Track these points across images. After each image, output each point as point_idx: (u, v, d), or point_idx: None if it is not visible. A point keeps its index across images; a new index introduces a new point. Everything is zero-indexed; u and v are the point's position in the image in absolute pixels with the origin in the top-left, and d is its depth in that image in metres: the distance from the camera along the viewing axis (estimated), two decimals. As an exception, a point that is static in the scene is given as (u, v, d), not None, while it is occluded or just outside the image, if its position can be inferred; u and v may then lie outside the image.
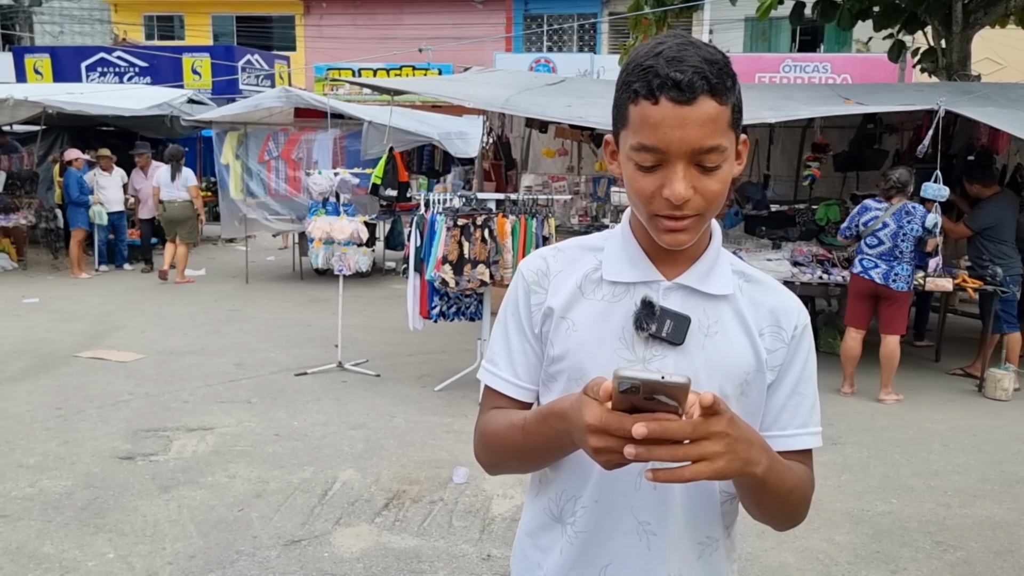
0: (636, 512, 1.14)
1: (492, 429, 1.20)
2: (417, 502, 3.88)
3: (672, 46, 1.03)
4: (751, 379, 1.15)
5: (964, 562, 3.52)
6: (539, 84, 7.56)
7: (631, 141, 1.06)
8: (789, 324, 1.18)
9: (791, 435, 1.17)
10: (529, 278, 1.22)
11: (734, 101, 1.06)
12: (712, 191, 1.05)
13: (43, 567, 3.16)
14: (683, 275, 1.15)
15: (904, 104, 6.13)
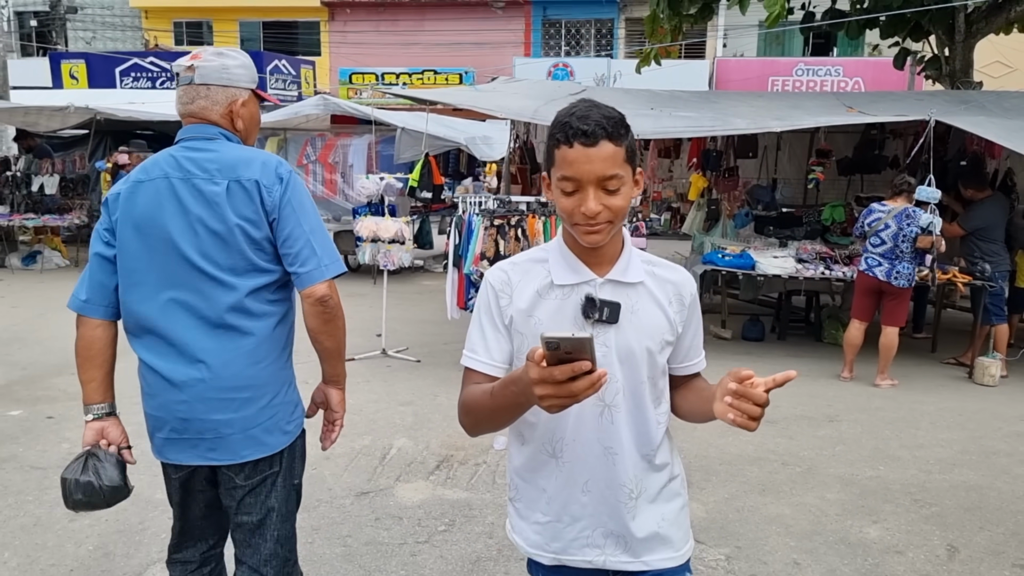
0: (601, 441, 1.62)
1: (470, 398, 1.59)
2: (464, 464, 4.50)
3: (582, 108, 1.51)
4: (666, 337, 1.65)
5: (937, 515, 4.08)
6: (563, 94, 8.15)
7: (557, 175, 1.53)
8: (686, 293, 1.69)
9: (695, 363, 1.75)
10: (496, 286, 1.65)
11: (628, 144, 1.52)
12: (616, 206, 1.52)
13: (159, 509, 3.79)
14: (610, 272, 1.61)
15: (899, 115, 6.68)
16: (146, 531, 3.58)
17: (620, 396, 1.60)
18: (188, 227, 2.06)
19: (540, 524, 1.69)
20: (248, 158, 2.12)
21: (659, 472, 1.68)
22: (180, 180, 2.08)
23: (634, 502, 1.64)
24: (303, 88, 23.58)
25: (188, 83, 2.15)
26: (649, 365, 1.62)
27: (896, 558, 3.60)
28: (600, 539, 1.66)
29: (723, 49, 22.67)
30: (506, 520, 1.80)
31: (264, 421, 2.15)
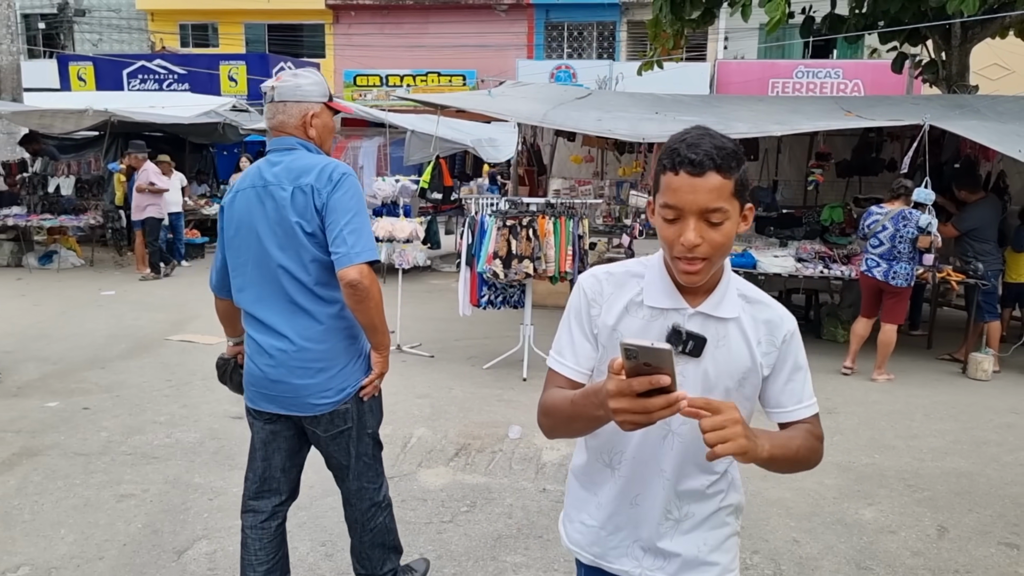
0: (659, 462, 1.62)
1: (551, 401, 1.60)
2: (481, 452, 4.75)
3: (694, 135, 1.47)
4: (747, 375, 1.59)
5: (929, 499, 4.33)
6: (569, 98, 8.41)
7: (660, 201, 1.49)
8: (779, 333, 1.61)
9: (791, 410, 1.63)
10: (589, 295, 1.64)
11: (738, 177, 1.46)
12: (716, 241, 1.46)
13: (199, 492, 4.05)
14: (702, 304, 1.57)
15: (895, 119, 6.93)
16: (189, 511, 3.83)
17: (687, 427, 1.57)
18: (269, 227, 2.52)
19: (585, 526, 1.74)
20: (311, 166, 2.51)
21: (709, 500, 1.67)
22: (262, 188, 2.54)
23: (676, 524, 1.66)
24: (308, 90, 23.83)
25: (271, 101, 2.57)
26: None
27: (889, 537, 3.85)
28: (639, 552, 1.68)
29: (724, 51, 22.92)
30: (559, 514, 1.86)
31: (334, 386, 2.61)
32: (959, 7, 8.31)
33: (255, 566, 2.77)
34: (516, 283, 6.26)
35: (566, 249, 6.03)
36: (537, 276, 6.13)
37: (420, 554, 3.49)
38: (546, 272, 6.06)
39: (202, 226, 13.46)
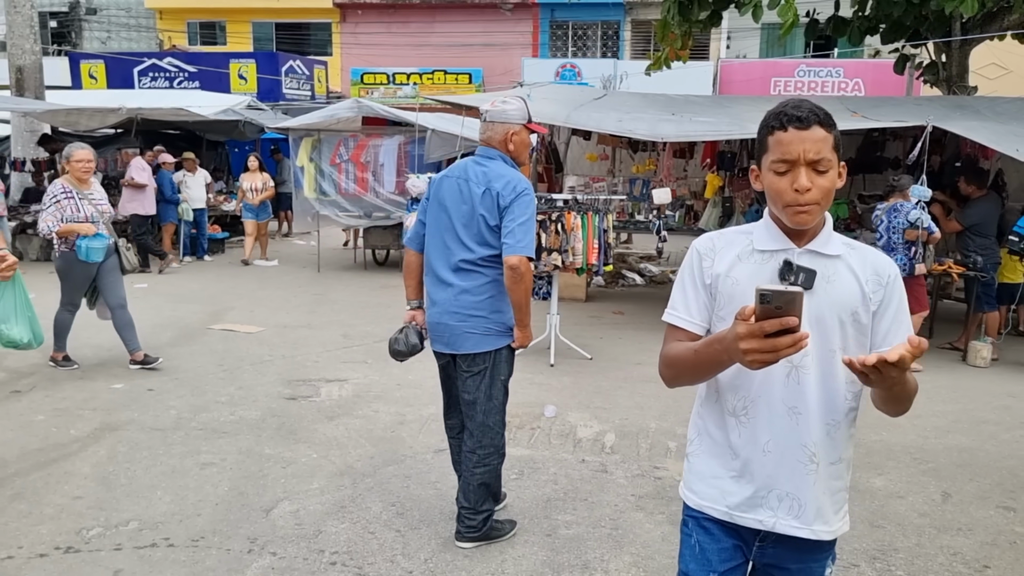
0: (785, 400, 1.68)
1: (673, 353, 1.72)
2: (521, 428, 5.15)
3: (793, 101, 1.67)
4: (859, 309, 1.69)
5: (933, 470, 4.75)
6: (587, 99, 8.81)
7: (770, 159, 1.65)
8: (884, 273, 1.72)
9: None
10: (702, 250, 1.79)
11: (836, 135, 1.65)
12: (824, 187, 1.63)
13: (272, 461, 4.45)
14: (810, 243, 1.70)
15: (899, 120, 7.34)
16: (266, 477, 4.23)
17: (808, 359, 1.66)
18: (459, 211, 3.38)
19: (718, 479, 1.78)
20: (503, 176, 3.35)
21: (835, 447, 1.72)
22: (464, 181, 3.39)
23: (816, 466, 1.69)
24: (316, 88, 24.21)
25: (484, 120, 3.47)
26: (840, 335, 1.68)
27: (898, 501, 4.26)
28: (774, 501, 1.71)
29: (727, 51, 23.31)
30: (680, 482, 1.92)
31: (481, 331, 3.39)
32: (958, 7, 8.70)
33: (459, 462, 3.67)
34: (544, 275, 6.66)
35: (592, 243, 6.43)
36: (564, 268, 6.53)
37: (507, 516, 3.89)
38: (573, 264, 6.45)
39: (222, 221, 13.85)
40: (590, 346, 7.09)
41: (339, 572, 3.29)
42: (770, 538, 1.77)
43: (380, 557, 3.42)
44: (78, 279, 6.02)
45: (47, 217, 5.76)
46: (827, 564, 1.82)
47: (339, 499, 3.99)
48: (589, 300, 9.56)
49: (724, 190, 9.77)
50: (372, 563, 3.37)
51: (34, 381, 5.82)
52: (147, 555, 3.37)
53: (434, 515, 3.85)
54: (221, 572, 3.26)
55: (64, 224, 5.76)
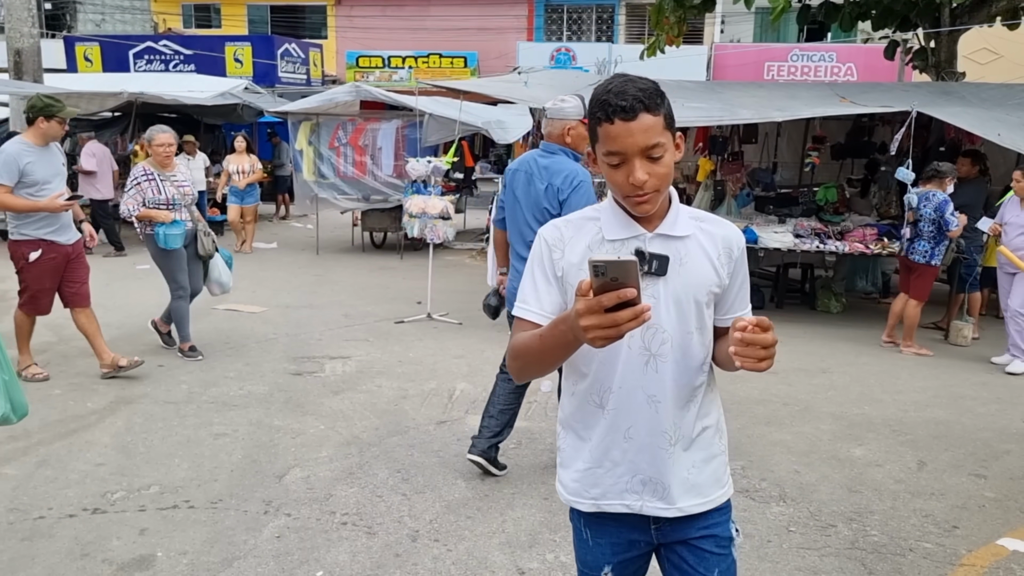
0: (646, 388, 1.68)
1: (519, 342, 1.65)
2: (518, 402, 5.37)
3: (617, 84, 1.56)
4: (713, 288, 1.70)
5: (911, 441, 4.99)
6: (582, 85, 8.98)
7: (602, 150, 1.59)
8: (735, 246, 1.73)
9: (743, 312, 1.76)
10: (550, 241, 1.71)
11: (665, 111, 1.57)
12: (660, 173, 1.58)
13: (281, 432, 4.67)
14: (659, 227, 1.66)
15: (886, 105, 7.55)
16: (277, 446, 4.45)
17: (667, 346, 1.66)
18: (527, 201, 3.93)
19: (580, 472, 1.76)
20: (562, 171, 3.82)
21: (696, 421, 1.74)
22: (529, 175, 3.93)
23: (672, 448, 1.70)
24: (311, 71, 24.26)
25: (546, 117, 3.98)
26: (697, 316, 1.68)
27: (876, 469, 4.51)
28: (638, 485, 1.71)
29: (720, 35, 23.44)
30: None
31: None
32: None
33: (494, 403, 4.14)
34: (541, 255, 6.86)
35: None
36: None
37: (481, 479, 4.12)
38: (569, 245, 6.65)
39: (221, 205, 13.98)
40: (585, 325, 7.31)
41: (350, 531, 3.51)
42: (661, 520, 1.76)
43: (388, 518, 3.65)
44: (171, 262, 5.95)
45: (128, 200, 5.84)
46: (729, 525, 1.82)
47: (347, 466, 4.21)
48: (584, 282, 9.74)
49: (715, 174, 9.97)
50: (381, 523, 3.60)
51: (48, 358, 6.02)
52: (170, 516, 3.60)
53: (437, 480, 4.08)
54: (240, 531, 3.48)
55: (144, 208, 5.77)
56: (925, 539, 3.68)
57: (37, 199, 5.15)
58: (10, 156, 5.09)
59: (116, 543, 3.34)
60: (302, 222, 15.46)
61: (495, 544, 3.46)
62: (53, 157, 5.33)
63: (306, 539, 3.43)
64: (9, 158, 5.08)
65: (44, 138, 5.24)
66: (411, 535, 3.51)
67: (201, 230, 6.08)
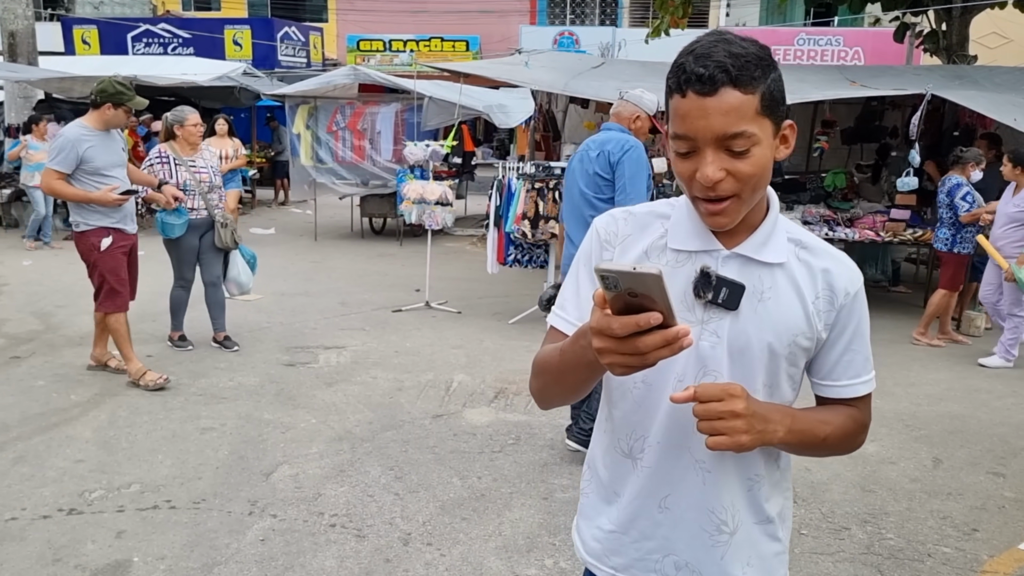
0: (693, 452, 1.28)
1: (541, 356, 1.34)
2: (518, 395, 5.19)
3: (704, 44, 1.17)
4: (799, 340, 1.27)
5: (925, 436, 4.81)
6: (585, 67, 8.75)
7: (671, 131, 1.21)
8: (841, 288, 1.28)
9: (844, 385, 1.33)
10: (603, 235, 1.36)
11: (765, 89, 1.16)
12: (744, 173, 1.17)
13: (271, 426, 4.49)
14: (741, 245, 1.26)
15: (899, 88, 7.31)
16: (266, 442, 4.27)
17: None
18: (583, 174, 4.12)
19: (603, 532, 1.41)
20: (613, 139, 4.04)
21: (757, 506, 1.34)
22: (585, 150, 4.15)
23: (727, 538, 1.32)
24: (312, 55, 23.98)
25: (620, 98, 4.22)
26: (768, 369, 1.28)
27: (890, 467, 4.32)
28: (671, 569, 1.34)
29: (726, 19, 23.11)
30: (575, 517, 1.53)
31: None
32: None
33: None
34: (542, 243, 6.67)
35: (590, 211, 6.44)
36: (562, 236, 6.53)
37: (477, 477, 3.94)
38: (571, 232, 6.46)
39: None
40: (587, 314, 7.11)
41: (338, 534, 3.34)
42: None
43: (379, 519, 3.47)
44: (176, 251, 5.72)
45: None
46: None
47: (338, 463, 4.03)
48: (586, 269, 9.55)
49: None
50: (371, 525, 3.42)
51: (34, 347, 5.84)
52: (149, 516, 3.42)
53: (432, 479, 3.90)
54: (222, 533, 3.31)
55: (150, 192, 5.51)
56: (944, 543, 3.50)
57: (97, 189, 4.85)
58: (68, 141, 4.77)
59: (91, 547, 3.17)
60: (301, 207, 15.24)
61: (491, 548, 3.28)
62: (114, 143, 5.03)
63: (291, 543, 3.25)
64: (67, 143, 4.76)
65: (106, 124, 4.93)
66: (403, 538, 3.33)
67: (219, 220, 5.72)
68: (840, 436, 1.33)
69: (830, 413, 1.33)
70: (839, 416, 1.33)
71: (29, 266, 9.09)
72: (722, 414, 1.13)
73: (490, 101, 12.86)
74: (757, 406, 1.18)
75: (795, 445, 1.27)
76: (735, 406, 1.14)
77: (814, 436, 1.28)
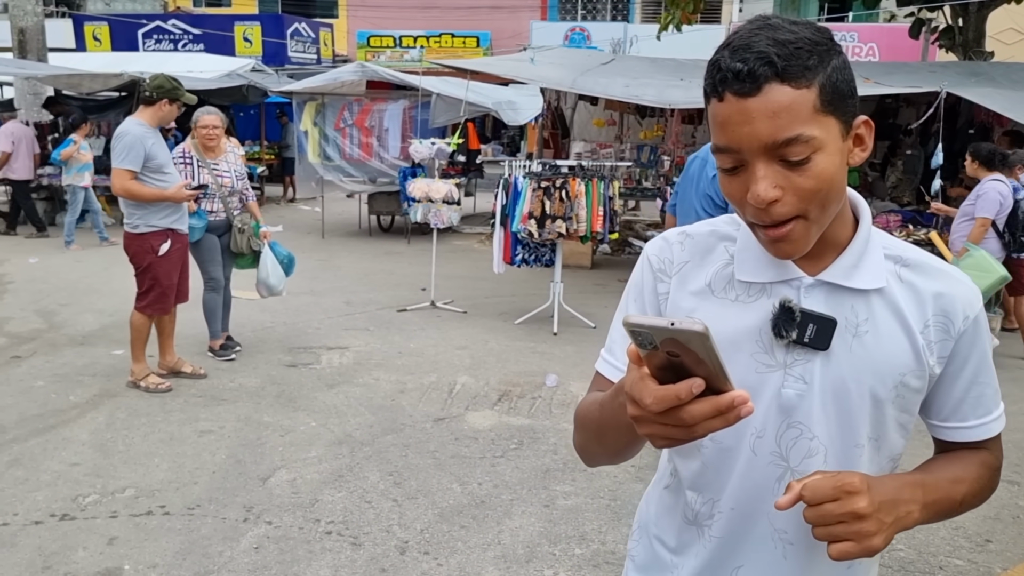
0: (772, 520, 1.08)
1: (582, 407, 1.15)
2: (522, 397, 5.11)
3: (744, 32, 0.96)
4: (908, 380, 1.06)
5: (938, 443, 4.70)
6: (595, 64, 8.65)
7: (713, 144, 1.00)
8: (958, 313, 1.06)
9: (974, 427, 1.12)
10: (655, 264, 1.15)
11: (823, 81, 0.94)
12: (806, 188, 0.95)
13: (270, 429, 4.43)
14: (826, 270, 1.05)
15: (913, 86, 7.18)
16: (264, 445, 4.21)
17: (817, 460, 1.06)
18: (697, 186, 4.10)
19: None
20: None
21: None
22: (702, 161, 4.14)
23: None
24: (322, 51, 23.95)
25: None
26: (873, 419, 1.07)
27: (902, 474, 4.22)
28: None
29: (739, 14, 22.91)
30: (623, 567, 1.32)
31: None
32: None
33: None
34: (549, 242, 6.58)
35: (597, 210, 6.34)
36: (569, 236, 6.45)
37: (478, 483, 3.87)
38: (577, 232, 6.37)
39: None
40: (594, 315, 7.02)
41: (334, 541, 3.27)
42: None
43: (376, 527, 3.41)
44: (202, 252, 5.54)
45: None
46: None
47: (337, 468, 3.97)
48: (594, 268, 9.47)
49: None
50: (368, 533, 3.35)
51: (35, 347, 5.81)
52: (142, 523, 3.37)
53: (431, 485, 3.83)
54: (216, 540, 3.24)
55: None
56: (956, 555, 3.40)
57: (162, 187, 4.76)
58: (135, 138, 4.65)
59: (82, 554, 3.12)
60: (310, 204, 15.20)
61: (489, 558, 3.21)
62: (162, 139, 4.98)
63: (286, 550, 3.19)
64: (135, 140, 4.64)
65: (160, 121, 4.87)
66: (399, 547, 3.26)
67: (236, 225, 5.60)
68: (977, 492, 1.13)
69: (961, 467, 1.13)
70: (971, 467, 1.13)
71: (35, 263, 9.07)
72: (842, 517, 0.93)
73: (499, 98, 12.78)
74: (882, 493, 0.97)
75: (930, 520, 1.07)
76: (857, 505, 0.93)
77: (951, 502, 1.09)
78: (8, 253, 9.61)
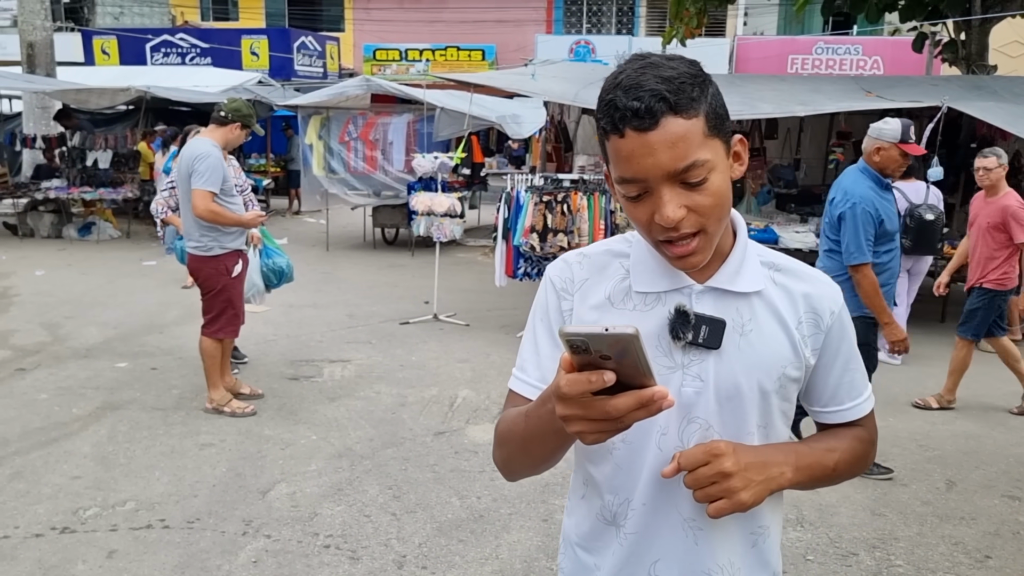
0: (681, 510, 1.17)
1: (503, 424, 1.21)
2: (522, 411, 5.12)
3: (629, 72, 1.05)
4: (789, 371, 1.18)
5: (939, 457, 4.68)
6: (598, 77, 8.68)
7: (614, 175, 1.09)
8: (825, 310, 1.20)
9: (849, 408, 1.26)
10: (558, 284, 1.24)
11: (706, 110, 1.05)
12: (705, 205, 1.06)
13: (271, 442, 4.45)
14: (713, 277, 1.17)
15: (914, 100, 7.19)
16: (265, 458, 4.23)
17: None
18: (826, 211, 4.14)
19: None
20: (841, 185, 3.98)
21: (768, 561, 1.25)
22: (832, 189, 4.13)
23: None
24: (328, 64, 24.11)
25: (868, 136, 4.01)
26: (761, 409, 1.19)
27: (901, 489, 4.21)
28: None
29: (743, 28, 22.99)
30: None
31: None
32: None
33: None
34: (551, 256, 6.60)
35: (599, 223, 6.37)
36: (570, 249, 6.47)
37: (477, 497, 3.87)
38: (579, 245, 6.38)
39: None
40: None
41: (332, 555, 3.28)
42: None
43: (374, 541, 3.42)
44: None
45: (160, 200, 5.56)
46: None
47: (336, 481, 3.98)
48: (597, 281, 9.47)
49: (735, 170, 9.65)
50: (366, 547, 3.36)
51: (39, 359, 5.85)
52: (142, 536, 3.38)
53: (431, 499, 3.84)
54: (215, 554, 3.26)
55: (170, 214, 5.51)
56: (955, 570, 3.39)
57: (233, 209, 4.73)
58: (216, 160, 4.56)
59: (81, 567, 3.13)
60: (315, 217, 15.26)
61: (487, 572, 3.21)
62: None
63: (284, 564, 3.20)
64: (217, 162, 4.55)
65: (229, 144, 4.82)
66: (397, 561, 3.27)
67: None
68: (850, 460, 1.25)
69: (834, 439, 1.26)
70: (844, 439, 1.26)
71: (41, 276, 9.12)
72: (712, 478, 1.06)
73: (503, 111, 12.83)
74: (749, 456, 1.10)
75: (805, 483, 1.19)
76: (722, 466, 1.06)
77: (823, 468, 1.21)
78: (15, 266, 9.67)
